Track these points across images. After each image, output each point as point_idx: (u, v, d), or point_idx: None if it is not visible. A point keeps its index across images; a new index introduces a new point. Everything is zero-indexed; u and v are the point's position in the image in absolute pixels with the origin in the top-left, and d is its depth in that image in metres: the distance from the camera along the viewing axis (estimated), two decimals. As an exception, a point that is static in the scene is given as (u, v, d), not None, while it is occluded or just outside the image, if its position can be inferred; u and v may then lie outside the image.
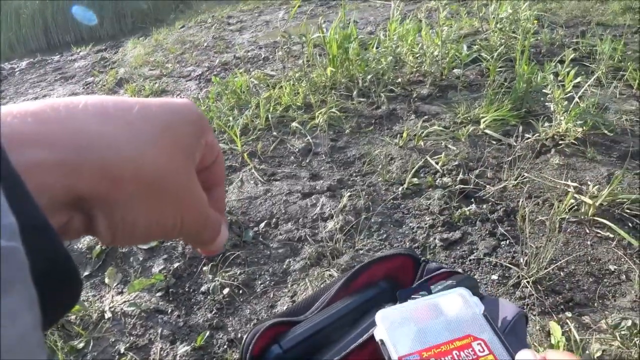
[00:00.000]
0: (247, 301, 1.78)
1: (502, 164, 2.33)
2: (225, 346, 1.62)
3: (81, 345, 1.66)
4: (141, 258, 2.00)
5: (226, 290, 1.81)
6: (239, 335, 1.65)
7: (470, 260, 1.85)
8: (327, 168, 2.44)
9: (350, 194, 2.18)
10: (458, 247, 1.91)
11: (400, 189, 2.21)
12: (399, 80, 3.19)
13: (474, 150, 2.46)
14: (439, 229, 1.99)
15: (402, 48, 3.34)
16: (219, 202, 0.38)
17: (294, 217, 2.12)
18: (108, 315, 1.76)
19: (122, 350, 1.64)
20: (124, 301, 1.82)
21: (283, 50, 3.76)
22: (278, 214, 2.15)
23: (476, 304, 0.63)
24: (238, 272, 1.87)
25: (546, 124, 2.49)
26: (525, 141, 2.46)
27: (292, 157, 2.55)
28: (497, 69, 3.05)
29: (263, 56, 4.17)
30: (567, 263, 1.79)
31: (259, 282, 1.84)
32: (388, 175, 2.31)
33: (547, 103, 2.53)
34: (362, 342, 0.71)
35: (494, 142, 2.51)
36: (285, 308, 1.67)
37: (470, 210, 2.04)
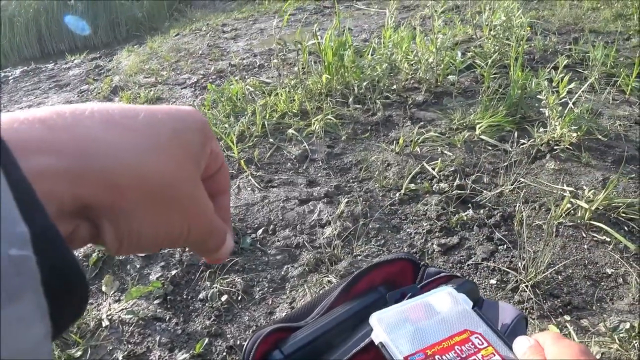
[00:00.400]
0: (246, 308, 1.77)
1: (498, 170, 2.34)
2: (224, 353, 1.62)
3: (79, 353, 1.64)
4: (138, 265, 1.99)
5: (224, 297, 1.80)
6: (238, 342, 1.64)
7: (468, 265, 1.85)
8: (324, 174, 2.44)
9: (347, 200, 2.19)
10: (456, 252, 1.91)
11: (397, 195, 2.21)
12: (394, 87, 3.21)
13: (470, 155, 2.47)
14: (437, 235, 2.00)
15: (397, 55, 3.36)
16: (224, 211, 0.38)
17: (292, 224, 2.12)
18: (105, 323, 1.75)
19: (120, 358, 1.63)
20: (122, 309, 1.80)
21: (278, 57, 3.77)
22: (275, 221, 2.15)
23: (465, 301, 0.64)
24: (236, 279, 1.87)
25: (541, 130, 2.51)
26: (520, 146, 2.48)
27: (289, 164, 2.55)
28: (492, 76, 3.08)
29: (258, 64, 4.18)
30: (565, 267, 1.80)
31: (258, 289, 1.84)
32: (385, 181, 2.32)
33: (542, 109, 2.56)
34: (365, 346, 0.71)
35: (490, 148, 2.53)
36: (284, 314, 1.67)
37: (467, 215, 2.05)
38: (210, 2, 7.96)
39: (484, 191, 2.20)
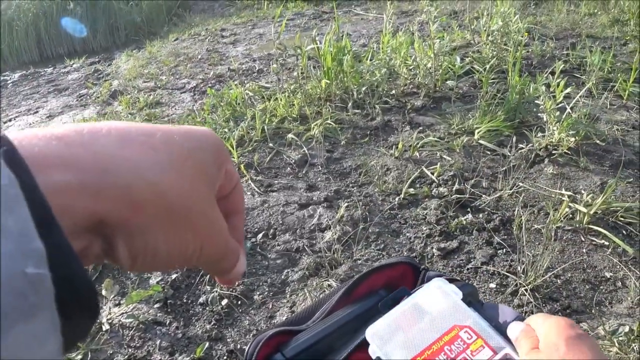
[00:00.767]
0: (246, 312, 1.78)
1: (497, 174, 2.35)
2: (224, 357, 1.62)
3: (79, 357, 1.64)
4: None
5: (225, 301, 1.80)
6: (239, 346, 1.65)
7: (468, 269, 1.86)
8: (324, 179, 2.45)
9: (347, 205, 2.19)
10: (455, 256, 1.92)
11: (396, 199, 2.22)
12: (393, 92, 3.23)
13: (469, 160, 2.48)
14: (436, 239, 2.00)
15: (396, 60, 3.37)
16: (238, 231, 0.38)
17: (292, 228, 2.13)
18: (106, 327, 1.75)
19: (121, 362, 1.63)
20: (122, 313, 1.81)
21: (277, 62, 3.78)
22: (275, 225, 2.15)
23: (454, 292, 0.65)
24: (236, 283, 1.87)
25: (539, 134, 2.53)
26: (519, 151, 2.49)
27: (289, 168, 2.56)
28: (490, 81, 3.10)
29: (257, 68, 4.19)
30: (564, 271, 1.81)
31: (258, 293, 1.84)
32: (384, 185, 2.33)
33: (540, 114, 2.57)
34: (360, 344, 0.72)
35: (489, 153, 2.54)
36: (284, 318, 1.67)
37: (466, 219, 2.06)
38: (209, 7, 7.99)
39: (483, 195, 2.21)
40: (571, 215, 2.05)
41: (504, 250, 1.93)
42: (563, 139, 2.46)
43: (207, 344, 1.65)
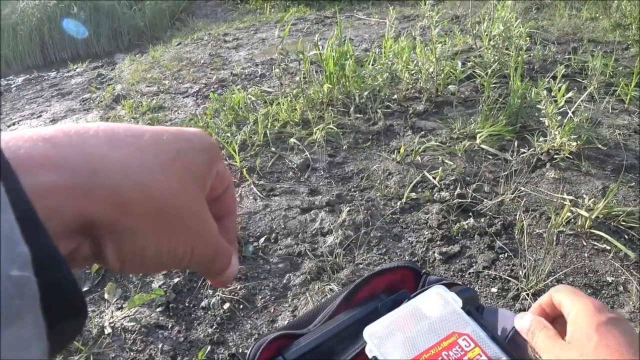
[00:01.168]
0: (248, 316, 1.78)
1: (499, 178, 2.36)
2: (226, 361, 1.62)
3: (81, 361, 1.65)
4: (141, 273, 1.99)
5: (226, 305, 1.81)
6: (240, 350, 1.65)
7: (469, 273, 1.86)
8: (326, 183, 2.46)
9: (349, 209, 2.20)
10: (457, 261, 1.92)
11: (398, 204, 2.23)
12: (395, 96, 3.23)
13: (471, 165, 2.49)
14: (438, 243, 2.01)
15: (398, 65, 3.38)
16: (230, 233, 0.38)
17: (294, 232, 2.14)
18: (108, 330, 1.75)
19: (123, 366, 1.63)
20: (124, 316, 1.81)
21: (280, 67, 3.80)
22: (277, 229, 2.16)
23: (454, 300, 0.65)
24: (238, 287, 1.87)
25: (541, 139, 2.53)
26: (520, 156, 2.50)
27: (291, 173, 2.57)
28: (492, 85, 3.10)
29: (260, 73, 4.21)
30: (565, 275, 1.81)
31: (260, 297, 1.85)
32: (386, 190, 2.33)
33: (542, 118, 2.58)
34: (361, 352, 0.72)
35: (490, 157, 2.54)
36: (286, 322, 1.67)
37: (468, 224, 2.06)
38: (212, 12, 8.02)
39: (485, 200, 2.22)
40: (573, 219, 2.05)
41: (506, 254, 1.93)
42: (565, 144, 2.46)
43: (209, 348, 1.66)
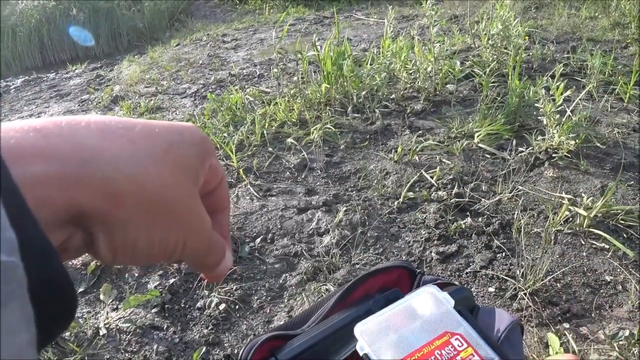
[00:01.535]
0: (244, 316, 1.77)
1: (497, 178, 2.34)
2: (221, 362, 1.61)
3: (76, 363, 1.64)
4: (136, 274, 1.99)
5: (222, 305, 1.80)
6: (236, 351, 1.64)
7: (467, 273, 1.85)
8: (323, 183, 2.45)
9: (346, 209, 2.19)
10: (454, 260, 1.91)
11: (395, 203, 2.22)
12: (393, 96, 3.22)
13: (469, 164, 2.47)
14: (435, 243, 1.99)
15: (396, 64, 3.37)
16: (223, 227, 0.38)
17: (290, 232, 2.12)
18: (103, 331, 1.74)
19: (117, 367, 1.62)
20: (119, 317, 1.80)
21: (278, 67, 3.79)
22: (274, 229, 2.15)
23: (446, 300, 0.64)
24: (234, 288, 1.86)
25: (539, 138, 2.52)
26: (519, 154, 2.48)
27: (288, 173, 2.56)
28: (490, 84, 3.09)
29: (258, 73, 4.20)
30: (564, 274, 1.80)
31: (256, 298, 1.84)
32: (383, 189, 2.32)
33: (540, 117, 2.56)
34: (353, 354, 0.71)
35: (488, 156, 2.53)
36: (281, 323, 1.66)
37: (465, 223, 2.05)
38: (210, 13, 8.02)
39: (483, 199, 2.20)
40: (571, 218, 2.03)
41: (503, 254, 1.92)
42: (563, 142, 2.45)
43: (204, 349, 1.64)
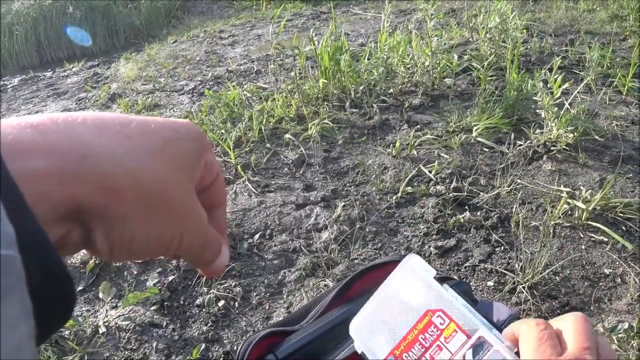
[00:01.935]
0: (243, 313, 1.77)
1: (495, 171, 2.34)
2: (221, 359, 1.61)
3: (75, 361, 1.64)
4: (135, 272, 1.98)
5: (221, 302, 1.79)
6: (235, 347, 1.64)
7: (465, 267, 1.85)
8: (321, 179, 2.44)
9: (344, 204, 2.18)
10: (453, 255, 1.91)
11: (394, 198, 2.21)
12: (391, 90, 3.21)
13: (467, 158, 2.47)
14: (434, 237, 1.99)
15: (393, 59, 3.36)
16: (220, 223, 0.38)
17: (289, 228, 2.12)
18: (102, 329, 1.74)
19: (117, 365, 1.62)
20: (119, 315, 1.80)
21: (275, 63, 3.77)
22: (272, 225, 2.14)
23: (426, 270, 0.63)
24: (233, 284, 1.86)
25: (538, 131, 2.51)
26: (517, 148, 2.48)
27: (286, 169, 2.55)
28: (488, 78, 3.08)
29: (255, 69, 4.19)
30: (562, 267, 1.80)
31: (254, 294, 1.83)
32: (382, 184, 2.31)
33: (538, 110, 2.56)
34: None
35: (487, 150, 2.52)
36: (280, 319, 1.66)
37: (464, 217, 2.05)
38: (208, 9, 7.99)
39: (481, 193, 2.20)
40: (570, 211, 2.03)
41: (502, 247, 1.92)
42: (561, 135, 2.44)
43: (204, 346, 1.64)
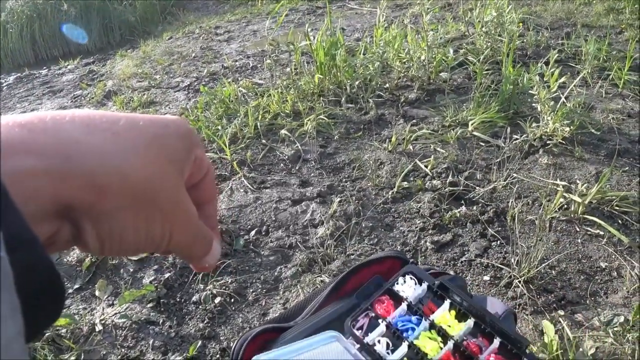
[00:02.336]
0: (239, 310, 1.77)
1: (491, 166, 2.34)
2: (217, 356, 1.61)
3: (72, 359, 1.63)
4: (132, 269, 1.98)
5: (218, 299, 1.79)
6: (231, 344, 1.63)
7: (461, 262, 1.85)
8: (317, 174, 2.44)
9: (340, 200, 2.18)
10: (449, 249, 1.91)
11: (390, 193, 2.21)
12: (387, 85, 3.21)
13: (463, 152, 2.46)
14: (430, 232, 1.99)
15: (389, 53, 3.35)
16: (211, 218, 0.38)
17: (285, 224, 2.12)
18: (99, 327, 1.74)
19: (113, 363, 1.62)
20: (115, 313, 1.80)
21: (271, 58, 3.76)
22: (268, 222, 2.14)
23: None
24: (229, 281, 1.86)
25: (534, 125, 2.51)
26: (513, 142, 2.48)
27: (282, 165, 2.54)
28: (484, 72, 3.07)
29: (251, 65, 4.17)
30: (558, 261, 1.80)
31: (251, 290, 1.83)
32: (378, 179, 2.31)
33: (534, 104, 2.55)
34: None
35: (483, 144, 2.52)
36: (277, 315, 1.66)
37: (460, 212, 2.04)
38: (203, 5, 7.96)
39: (477, 187, 2.20)
40: (566, 205, 2.03)
41: (498, 242, 1.92)
42: (558, 129, 2.44)
43: (200, 343, 1.64)
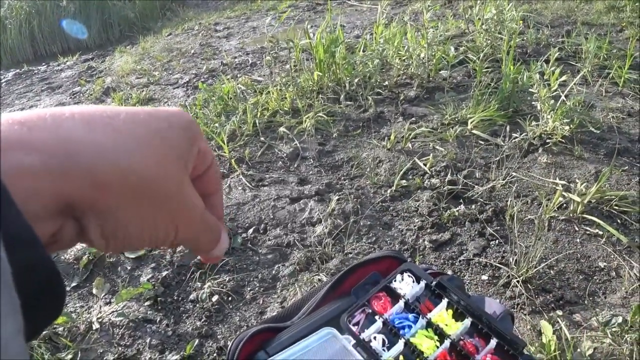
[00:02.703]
0: (237, 308, 1.76)
1: (490, 164, 2.33)
2: (214, 354, 1.60)
3: (69, 357, 1.63)
4: (129, 267, 1.97)
5: (215, 297, 1.79)
6: (229, 343, 1.63)
7: (460, 261, 1.84)
8: (315, 172, 2.43)
9: (338, 198, 2.17)
10: (447, 248, 1.90)
11: (388, 192, 2.20)
12: (386, 83, 3.19)
13: (462, 151, 2.46)
14: (428, 231, 1.98)
15: (389, 51, 3.34)
16: (217, 209, 0.38)
17: (283, 223, 2.11)
18: (96, 326, 1.73)
19: (110, 361, 1.61)
20: (112, 311, 1.79)
21: (270, 55, 3.75)
22: (266, 220, 2.13)
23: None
24: (227, 279, 1.85)
25: (533, 123, 2.50)
26: (512, 141, 2.47)
27: (280, 162, 2.54)
28: (484, 70, 3.06)
29: (250, 62, 4.16)
30: (557, 261, 1.79)
31: (248, 289, 1.83)
32: (376, 178, 2.30)
33: (534, 102, 2.54)
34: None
35: (482, 143, 2.51)
36: (274, 314, 1.65)
37: (459, 211, 2.04)
38: (202, 2, 7.93)
39: (476, 186, 2.19)
40: (565, 204, 2.02)
41: (497, 241, 1.91)
42: (557, 128, 2.43)
43: (197, 341, 1.64)
